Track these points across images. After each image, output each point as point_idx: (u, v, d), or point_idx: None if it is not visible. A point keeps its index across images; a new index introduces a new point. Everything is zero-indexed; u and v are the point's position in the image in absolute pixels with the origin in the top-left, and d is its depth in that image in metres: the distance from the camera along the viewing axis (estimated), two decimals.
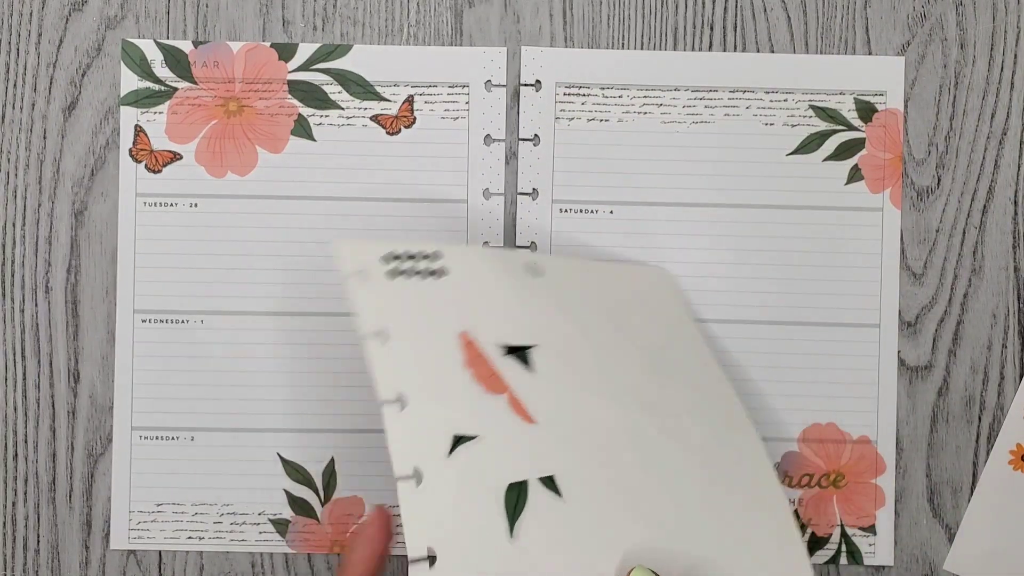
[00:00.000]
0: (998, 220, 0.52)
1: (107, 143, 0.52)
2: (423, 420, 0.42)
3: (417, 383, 0.43)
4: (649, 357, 0.47)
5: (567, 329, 0.46)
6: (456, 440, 0.42)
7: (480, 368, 0.44)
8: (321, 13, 0.52)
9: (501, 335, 0.44)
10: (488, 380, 0.43)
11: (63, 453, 0.52)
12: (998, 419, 0.52)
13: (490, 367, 0.44)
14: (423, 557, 0.40)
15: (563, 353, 0.45)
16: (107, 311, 0.52)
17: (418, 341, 0.44)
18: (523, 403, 0.43)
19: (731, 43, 0.53)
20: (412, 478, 0.41)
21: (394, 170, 0.52)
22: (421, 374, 0.43)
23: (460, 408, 0.43)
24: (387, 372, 0.43)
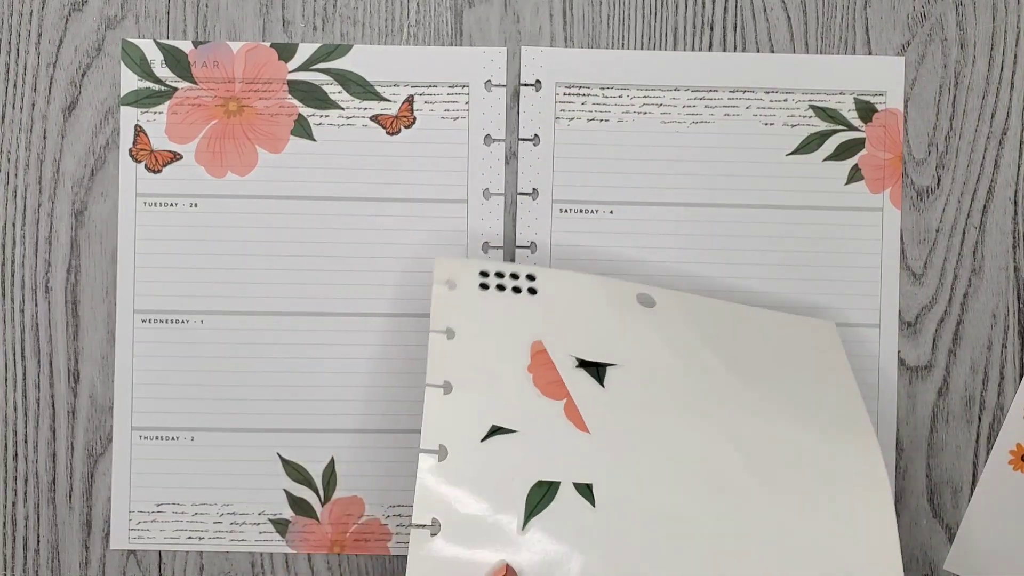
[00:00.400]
0: (998, 220, 0.52)
1: (107, 143, 0.52)
2: (464, 406, 0.43)
3: (469, 375, 0.44)
4: (772, 399, 0.45)
5: (662, 357, 0.45)
6: (493, 429, 0.43)
7: (543, 373, 0.44)
8: (321, 13, 0.53)
9: (578, 349, 0.45)
10: (548, 386, 0.44)
11: (63, 453, 0.52)
12: (998, 419, 0.52)
13: (555, 374, 0.44)
14: (427, 524, 0.41)
15: (647, 377, 0.45)
16: (107, 311, 0.52)
17: (484, 341, 0.45)
18: (581, 412, 0.43)
19: (731, 43, 0.53)
20: (435, 453, 0.42)
21: (394, 170, 0.52)
22: (476, 368, 0.44)
23: (506, 403, 0.43)
24: (441, 362, 0.44)
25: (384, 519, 0.52)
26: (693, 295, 0.49)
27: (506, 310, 0.46)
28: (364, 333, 0.52)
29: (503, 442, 0.42)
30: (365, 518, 0.52)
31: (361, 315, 0.52)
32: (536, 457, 0.42)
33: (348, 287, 0.52)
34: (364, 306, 0.52)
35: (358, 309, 0.52)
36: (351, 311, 0.52)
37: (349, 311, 0.52)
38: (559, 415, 0.43)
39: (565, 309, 0.46)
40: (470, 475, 0.42)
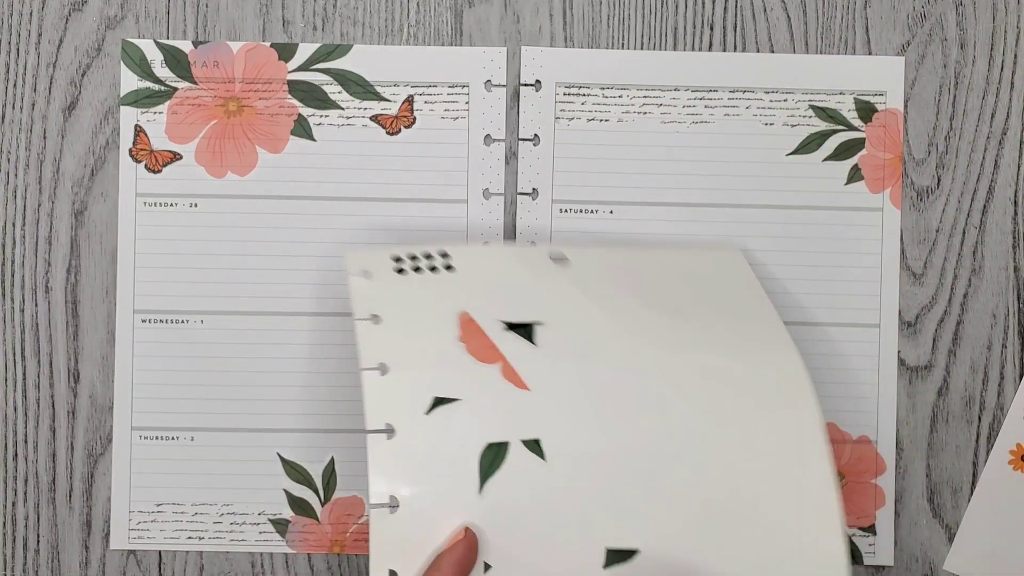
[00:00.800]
0: (998, 220, 0.52)
1: (107, 143, 0.52)
2: (403, 384, 0.43)
3: (402, 355, 0.44)
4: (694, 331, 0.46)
5: (585, 308, 0.46)
6: (436, 401, 0.43)
7: (475, 341, 0.44)
8: (321, 13, 0.52)
9: (504, 314, 0.45)
10: (482, 351, 0.44)
11: (63, 453, 0.52)
12: (998, 419, 0.52)
13: (487, 340, 0.44)
14: (385, 503, 0.41)
15: (574, 330, 0.45)
16: (107, 311, 0.52)
17: (411, 322, 0.45)
18: (518, 372, 0.44)
19: (731, 43, 0.53)
20: (384, 432, 0.42)
21: (394, 170, 0.52)
22: (408, 347, 0.44)
23: (444, 374, 0.43)
24: (371, 345, 0.44)
25: None
26: (602, 246, 0.50)
27: (427, 289, 0.46)
28: None
29: (448, 411, 0.43)
30: (365, 518, 0.52)
31: None
32: (482, 421, 0.43)
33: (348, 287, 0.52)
34: None
35: None
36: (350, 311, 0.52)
37: (349, 311, 0.52)
38: (497, 378, 0.43)
39: (484, 279, 0.46)
40: (420, 448, 0.42)
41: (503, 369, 0.44)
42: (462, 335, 0.44)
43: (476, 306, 0.45)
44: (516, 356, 0.44)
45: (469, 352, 0.44)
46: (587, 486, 0.42)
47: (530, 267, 0.47)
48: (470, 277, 0.47)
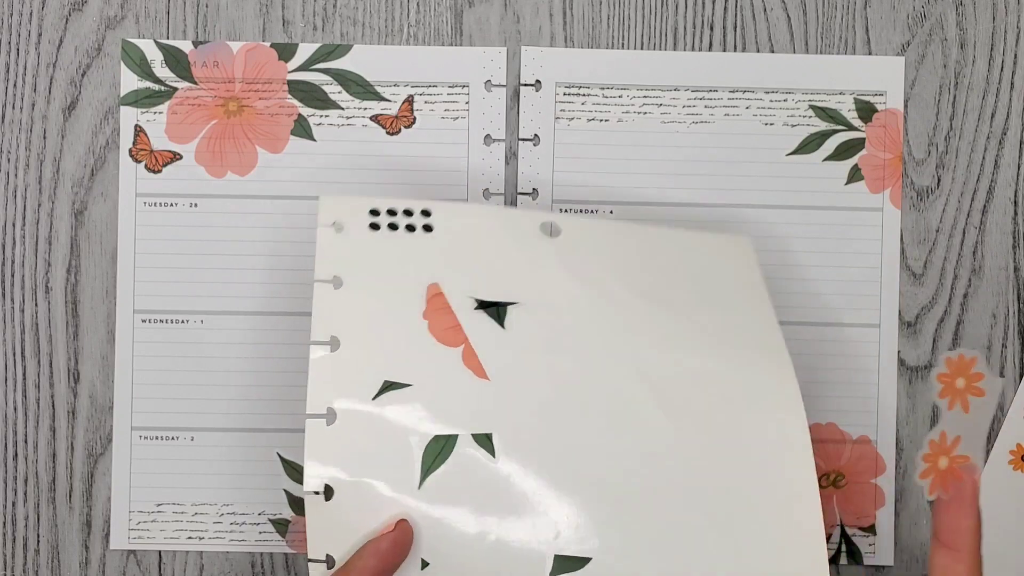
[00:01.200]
0: (998, 220, 0.52)
1: (107, 143, 0.52)
2: (352, 364, 0.41)
3: (358, 328, 0.41)
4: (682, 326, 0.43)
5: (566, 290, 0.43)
6: (386, 385, 0.41)
7: (439, 319, 0.42)
8: (321, 13, 0.52)
9: (477, 289, 0.42)
10: (445, 332, 0.42)
11: (63, 453, 0.52)
12: (998, 419, 0.52)
13: (452, 319, 0.42)
14: (319, 491, 0.40)
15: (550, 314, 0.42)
16: (107, 311, 0.52)
17: (374, 289, 0.42)
18: (480, 358, 0.41)
19: (731, 43, 0.53)
20: (323, 417, 0.41)
21: (394, 170, 0.52)
22: (366, 320, 0.42)
23: (400, 355, 0.41)
24: (326, 315, 0.42)
25: None
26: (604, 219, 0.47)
27: (399, 251, 0.43)
28: None
29: (396, 397, 0.41)
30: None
31: None
32: (432, 411, 0.41)
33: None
34: None
35: None
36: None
37: None
38: (457, 363, 0.41)
39: (464, 246, 0.43)
40: (362, 437, 0.40)
41: (464, 353, 0.41)
42: (427, 310, 0.42)
43: (448, 277, 0.42)
44: (481, 340, 0.42)
45: (430, 331, 0.42)
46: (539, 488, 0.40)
47: (516, 236, 0.44)
48: (448, 241, 0.43)
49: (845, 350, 0.52)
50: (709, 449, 0.41)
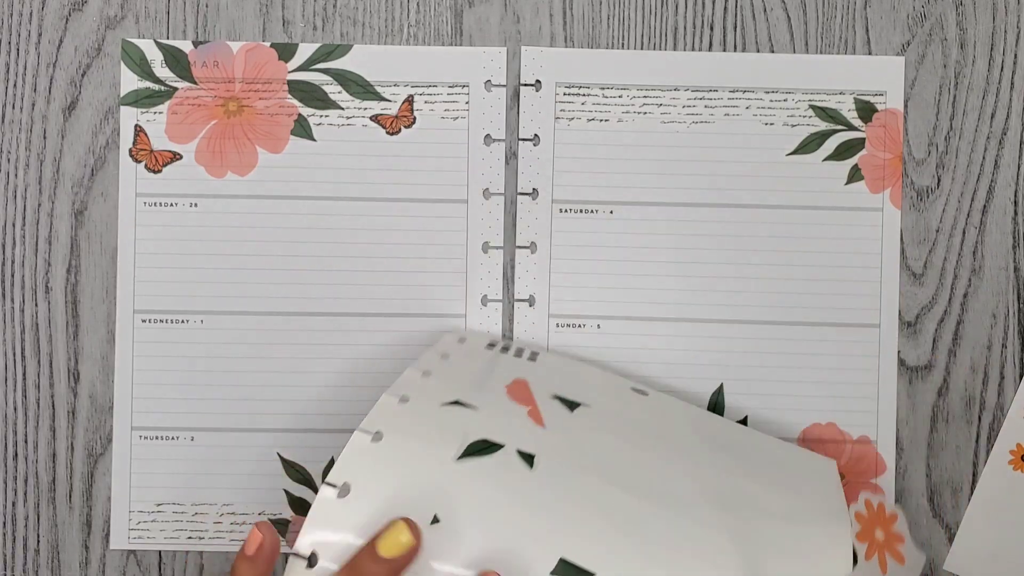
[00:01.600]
0: (998, 220, 0.52)
1: (107, 143, 0.52)
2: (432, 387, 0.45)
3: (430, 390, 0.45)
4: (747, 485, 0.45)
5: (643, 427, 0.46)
6: (454, 401, 0.44)
7: (517, 390, 0.46)
8: (321, 13, 0.53)
9: (555, 390, 0.46)
10: (518, 394, 0.45)
11: (63, 453, 0.52)
12: (998, 419, 0.52)
13: (527, 392, 0.46)
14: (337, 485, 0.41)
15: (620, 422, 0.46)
16: (107, 311, 0.52)
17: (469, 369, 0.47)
18: (543, 415, 0.44)
19: (731, 43, 0.53)
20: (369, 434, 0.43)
21: (394, 170, 0.52)
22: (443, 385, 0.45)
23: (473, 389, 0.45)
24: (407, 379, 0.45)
25: None
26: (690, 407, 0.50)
27: (504, 361, 0.48)
28: (364, 333, 0.52)
29: (461, 411, 0.44)
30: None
31: (361, 315, 0.52)
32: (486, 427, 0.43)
33: (348, 287, 0.52)
34: (364, 306, 0.52)
35: (358, 309, 0.52)
36: (351, 311, 0.52)
37: (349, 311, 0.52)
38: (520, 413, 0.44)
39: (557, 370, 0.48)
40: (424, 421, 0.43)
41: (531, 411, 0.44)
42: (511, 385, 0.46)
43: (534, 379, 0.47)
44: (548, 409, 0.45)
45: (507, 391, 0.45)
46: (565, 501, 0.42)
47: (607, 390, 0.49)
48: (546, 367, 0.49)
49: (845, 350, 0.52)
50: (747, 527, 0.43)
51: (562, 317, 0.52)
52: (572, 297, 0.52)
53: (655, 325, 0.52)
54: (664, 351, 0.52)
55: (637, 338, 0.52)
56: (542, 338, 0.52)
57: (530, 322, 0.52)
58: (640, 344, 0.52)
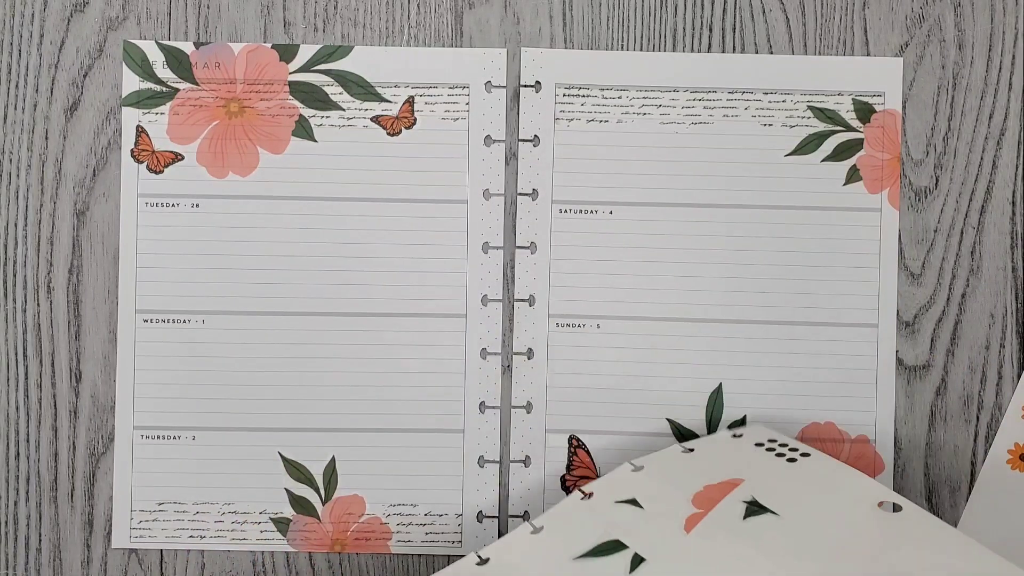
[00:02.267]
0: (996, 220, 0.53)
1: (109, 144, 0.52)
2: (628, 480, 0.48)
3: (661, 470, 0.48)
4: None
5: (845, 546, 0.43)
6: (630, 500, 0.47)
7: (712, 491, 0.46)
8: (322, 15, 0.53)
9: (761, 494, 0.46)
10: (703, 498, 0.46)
11: (65, 452, 0.52)
12: (996, 418, 0.52)
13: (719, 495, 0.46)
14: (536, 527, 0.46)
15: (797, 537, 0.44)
16: (109, 311, 0.52)
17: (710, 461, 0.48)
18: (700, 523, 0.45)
19: (730, 44, 0.53)
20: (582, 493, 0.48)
21: (395, 171, 0.52)
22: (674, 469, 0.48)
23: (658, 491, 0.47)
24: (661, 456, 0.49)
25: (385, 518, 0.52)
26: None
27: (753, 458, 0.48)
28: (364, 333, 0.52)
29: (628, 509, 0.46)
30: (366, 517, 0.52)
31: (361, 315, 0.52)
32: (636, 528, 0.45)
33: (348, 287, 0.52)
34: (364, 306, 0.52)
35: (359, 309, 0.52)
36: (351, 311, 0.52)
37: (349, 311, 0.52)
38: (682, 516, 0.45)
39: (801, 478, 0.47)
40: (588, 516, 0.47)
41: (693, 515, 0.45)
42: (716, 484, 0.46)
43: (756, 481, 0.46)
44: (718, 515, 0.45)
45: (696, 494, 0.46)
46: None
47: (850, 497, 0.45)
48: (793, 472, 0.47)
49: (843, 350, 0.52)
50: None
51: (562, 317, 0.52)
52: (572, 297, 0.52)
53: (655, 325, 0.52)
54: (663, 351, 0.52)
55: (637, 338, 0.52)
56: (542, 338, 0.52)
57: (530, 322, 0.52)
58: (640, 344, 0.52)
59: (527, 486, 0.52)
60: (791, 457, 0.48)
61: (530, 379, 0.52)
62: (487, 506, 0.52)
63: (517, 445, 0.52)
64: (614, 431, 0.52)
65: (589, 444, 0.52)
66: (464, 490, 0.52)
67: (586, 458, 0.52)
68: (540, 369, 0.52)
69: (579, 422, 0.52)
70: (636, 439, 0.52)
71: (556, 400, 0.52)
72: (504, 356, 0.52)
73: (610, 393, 0.52)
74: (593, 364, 0.52)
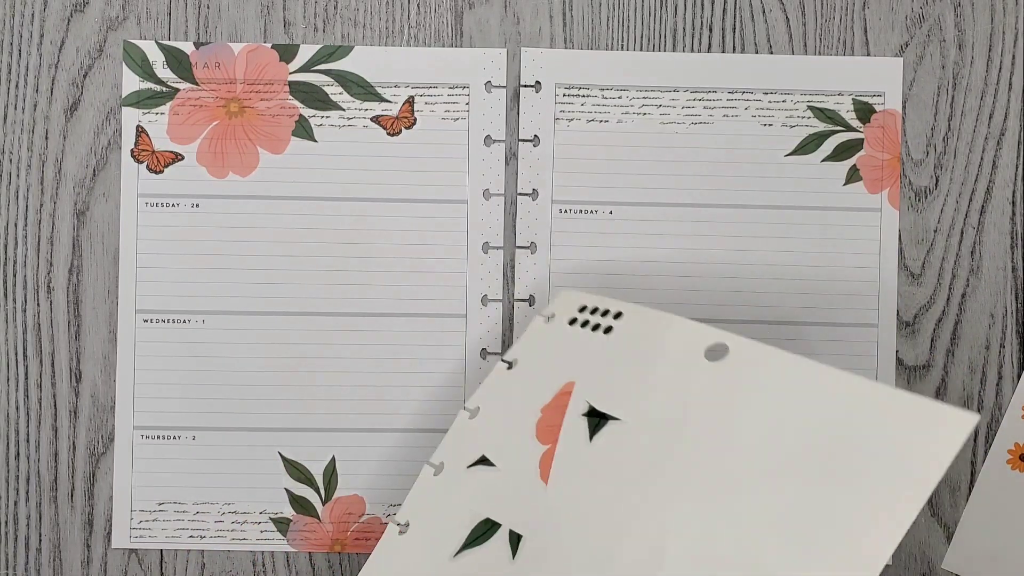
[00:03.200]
0: (996, 220, 0.53)
1: (109, 144, 0.52)
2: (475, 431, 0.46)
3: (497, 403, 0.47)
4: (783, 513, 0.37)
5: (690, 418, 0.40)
6: (481, 459, 0.45)
7: (550, 415, 0.44)
8: (322, 14, 0.53)
9: (598, 396, 0.43)
10: (545, 428, 0.44)
11: (65, 452, 0.52)
12: (996, 419, 0.52)
13: (558, 419, 0.44)
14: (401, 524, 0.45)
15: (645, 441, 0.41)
16: (109, 311, 0.52)
17: (531, 372, 0.47)
18: (554, 464, 0.43)
19: (730, 44, 0.53)
20: (433, 467, 0.46)
21: (395, 171, 0.52)
22: (506, 398, 0.46)
23: (504, 437, 0.45)
24: (490, 388, 0.47)
25: (385, 518, 0.52)
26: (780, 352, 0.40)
27: (571, 346, 0.46)
28: (364, 333, 0.52)
29: (482, 473, 0.44)
30: (366, 517, 0.52)
31: (361, 315, 0.52)
32: (498, 495, 0.44)
33: (348, 287, 0.52)
34: (364, 306, 0.52)
35: (359, 309, 0.52)
36: (352, 311, 0.52)
37: (350, 311, 0.52)
38: (535, 460, 0.43)
39: (616, 352, 0.44)
40: (448, 496, 0.45)
41: (544, 455, 0.43)
42: (548, 404, 0.45)
43: (585, 378, 0.44)
44: (566, 447, 0.43)
45: (537, 423, 0.44)
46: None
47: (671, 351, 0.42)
48: (614, 346, 0.44)
49: (843, 350, 0.52)
50: None
51: None
52: None
53: None
54: None
55: None
56: None
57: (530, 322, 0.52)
58: None
59: None
60: (607, 326, 0.45)
61: None
62: None
63: None
64: None
65: None
66: None
67: None
68: None
69: None
70: None
71: None
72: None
73: None
74: None
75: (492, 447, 0.45)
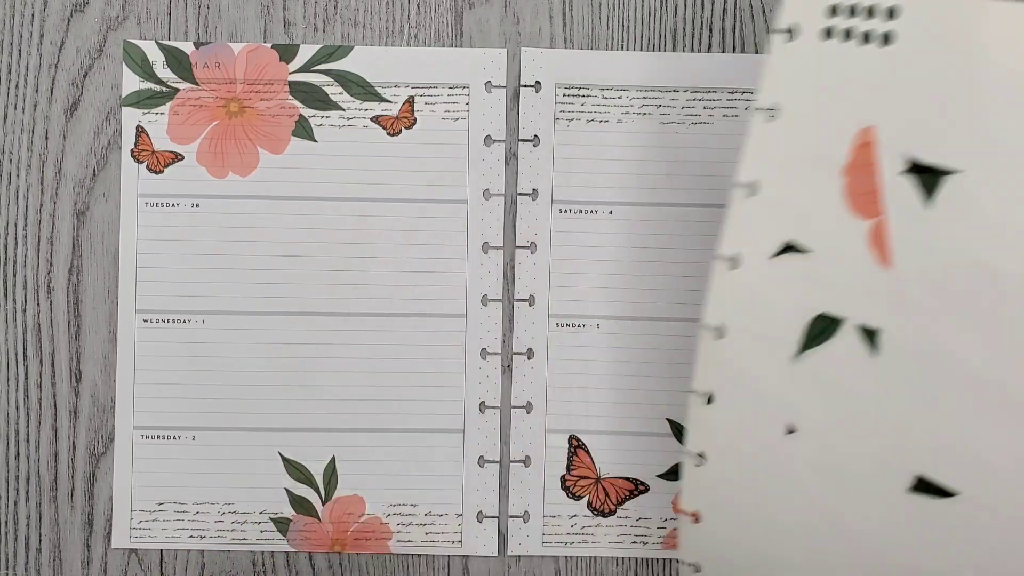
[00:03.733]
0: None
1: (109, 144, 0.52)
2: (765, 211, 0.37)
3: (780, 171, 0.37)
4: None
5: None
6: (785, 247, 0.37)
7: (860, 179, 0.35)
8: (322, 14, 0.53)
9: (915, 145, 0.34)
10: (861, 198, 0.35)
11: (65, 452, 0.52)
12: None
13: (873, 182, 0.35)
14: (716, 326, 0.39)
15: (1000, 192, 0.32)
16: (109, 311, 0.52)
17: (805, 123, 0.37)
18: (891, 239, 0.34)
19: (730, 44, 0.53)
20: (729, 260, 0.38)
21: (395, 171, 0.52)
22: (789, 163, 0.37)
23: (808, 215, 0.36)
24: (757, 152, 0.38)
25: (385, 518, 0.52)
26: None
27: (842, 74, 0.35)
28: (364, 333, 0.52)
29: (792, 263, 0.36)
30: (366, 517, 0.52)
31: (361, 315, 0.52)
32: (824, 286, 0.35)
33: (348, 287, 0.52)
34: (364, 306, 0.52)
35: (359, 309, 0.52)
36: (352, 311, 0.52)
37: (350, 311, 0.52)
38: (861, 239, 0.35)
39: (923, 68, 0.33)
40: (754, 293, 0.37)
41: (873, 230, 0.35)
42: (849, 164, 0.35)
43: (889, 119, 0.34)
44: (899, 216, 0.34)
45: (846, 193, 0.35)
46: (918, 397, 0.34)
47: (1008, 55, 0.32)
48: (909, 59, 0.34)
49: None
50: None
51: (562, 317, 0.52)
52: (572, 297, 0.52)
53: (655, 325, 0.52)
54: (663, 351, 0.52)
55: (637, 338, 0.52)
56: (542, 338, 0.52)
57: (530, 322, 0.52)
58: (640, 344, 0.52)
59: (527, 486, 0.52)
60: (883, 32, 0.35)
61: (530, 379, 0.52)
62: (487, 506, 0.52)
63: (517, 445, 0.52)
64: (614, 431, 0.52)
65: (589, 444, 0.52)
66: (464, 490, 0.52)
67: (586, 458, 0.52)
68: (540, 369, 0.52)
69: (579, 422, 0.52)
70: (636, 439, 0.52)
71: (556, 400, 0.52)
72: (504, 356, 0.52)
73: (610, 393, 0.52)
74: (593, 364, 0.52)
75: (794, 231, 0.36)
